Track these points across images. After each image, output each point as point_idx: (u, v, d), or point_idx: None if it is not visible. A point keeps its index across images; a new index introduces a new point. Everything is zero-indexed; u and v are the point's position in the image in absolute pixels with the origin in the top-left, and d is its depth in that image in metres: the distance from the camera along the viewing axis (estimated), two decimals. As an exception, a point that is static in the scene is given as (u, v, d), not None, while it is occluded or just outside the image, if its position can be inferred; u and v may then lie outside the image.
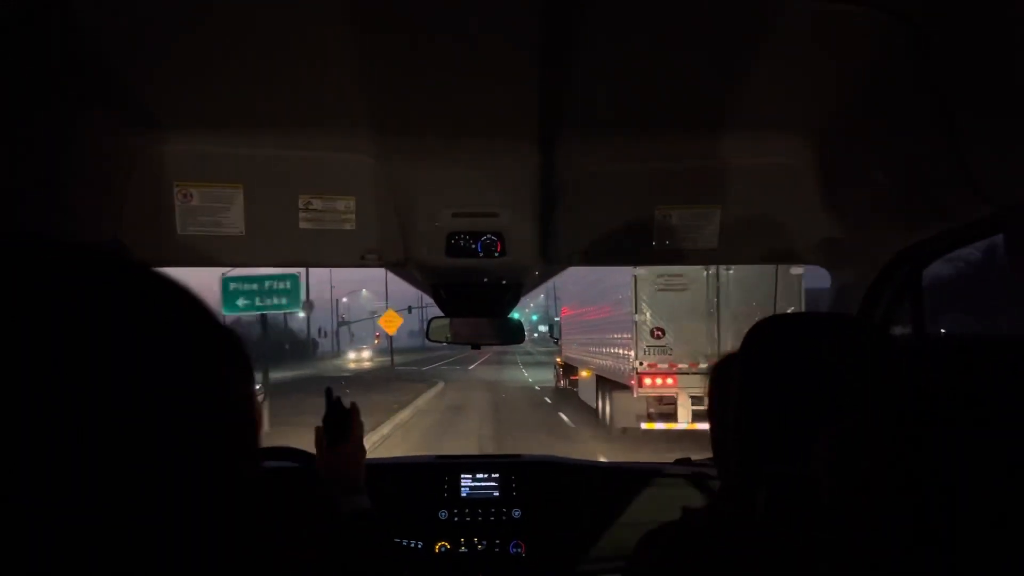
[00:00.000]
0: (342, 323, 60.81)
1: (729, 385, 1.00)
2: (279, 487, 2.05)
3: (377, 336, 70.63)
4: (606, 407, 12.44)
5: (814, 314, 1.12)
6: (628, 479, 2.38)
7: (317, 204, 1.63)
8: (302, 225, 1.63)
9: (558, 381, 20.42)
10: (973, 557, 0.52)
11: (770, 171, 1.60)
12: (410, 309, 55.68)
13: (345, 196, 1.63)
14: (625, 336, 10.85)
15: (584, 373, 15.20)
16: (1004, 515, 0.51)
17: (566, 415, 15.20)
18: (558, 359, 20.66)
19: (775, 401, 0.90)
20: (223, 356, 0.39)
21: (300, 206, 1.62)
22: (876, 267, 1.63)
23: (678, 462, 2.65)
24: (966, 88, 1.06)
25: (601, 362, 12.91)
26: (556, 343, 20.51)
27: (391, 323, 24.80)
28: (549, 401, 18.99)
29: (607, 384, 12.30)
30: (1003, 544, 0.51)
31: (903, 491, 0.56)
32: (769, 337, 0.97)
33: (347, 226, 1.65)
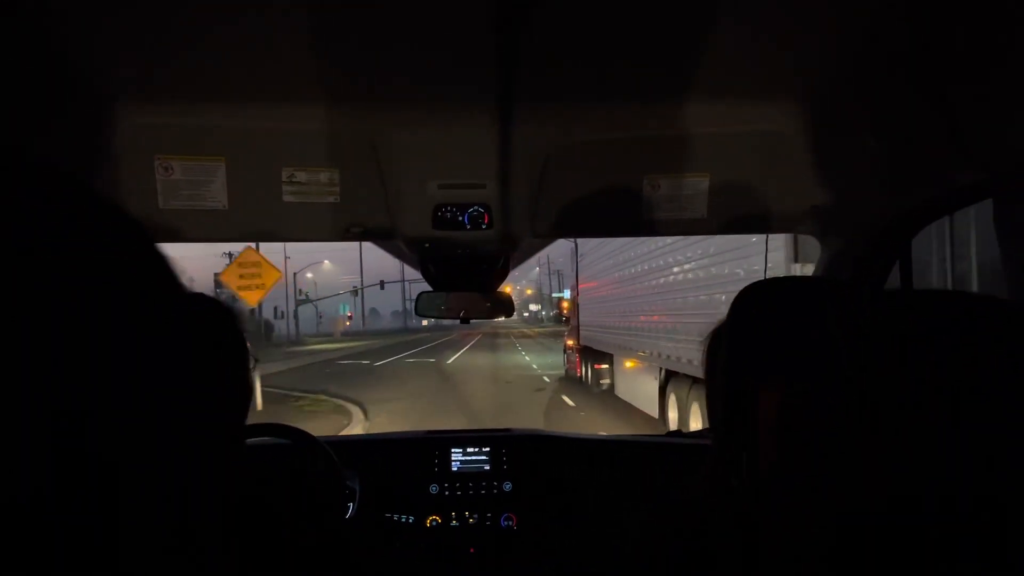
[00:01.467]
0: (302, 301, 51.79)
1: (720, 352, 1.00)
2: (272, 463, 2.05)
3: (350, 316, 62.44)
4: (688, 416, 8.30)
5: (803, 278, 1.11)
6: (619, 451, 2.39)
7: (301, 177, 1.60)
8: (286, 198, 1.61)
9: (575, 369, 16.03)
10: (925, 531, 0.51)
11: (759, 138, 1.59)
12: (382, 284, 50.23)
13: (329, 168, 1.60)
14: None
15: (628, 363, 11.03)
16: (970, 484, 0.50)
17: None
18: (569, 342, 16.68)
19: (762, 367, 0.90)
20: (220, 335, 0.37)
21: (283, 179, 1.60)
22: (866, 235, 1.63)
23: (670, 435, 2.67)
24: (956, 51, 1.05)
25: (678, 351, 8.41)
26: (564, 322, 17.80)
27: (250, 281, 10.56)
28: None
29: (692, 384, 8.18)
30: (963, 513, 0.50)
31: (846, 463, 0.55)
32: (756, 302, 0.96)
33: (331, 199, 1.63)
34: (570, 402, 13.39)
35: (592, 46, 1.27)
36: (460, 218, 1.68)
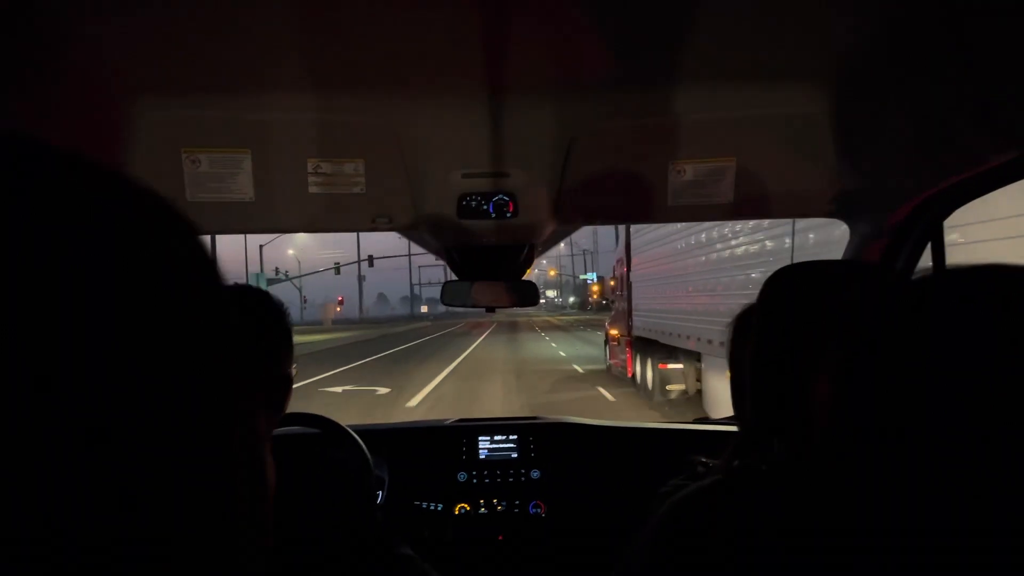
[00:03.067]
0: (273, 280, 43.85)
1: (748, 335, 1.00)
2: (302, 451, 2.07)
3: (340, 301, 55.66)
4: None
5: (833, 262, 1.10)
6: (646, 439, 2.39)
7: (326, 168, 1.61)
8: (311, 189, 1.62)
9: (624, 367, 12.46)
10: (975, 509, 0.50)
11: (786, 120, 1.56)
12: (371, 260, 44.95)
13: (354, 159, 1.61)
14: None
15: None
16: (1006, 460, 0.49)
17: None
18: (613, 331, 13.48)
19: (791, 349, 0.89)
20: (260, 329, 0.34)
21: (309, 170, 1.61)
22: (896, 217, 1.60)
23: (696, 421, 2.66)
24: (989, 24, 1.02)
25: None
26: (607, 306, 14.49)
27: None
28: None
29: None
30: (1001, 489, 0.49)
31: (899, 432, 0.53)
32: (787, 285, 0.96)
33: (357, 189, 1.63)
34: (609, 396, 11.59)
35: (612, 30, 1.25)
36: (485, 207, 1.68)
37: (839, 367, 0.58)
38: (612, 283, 13.98)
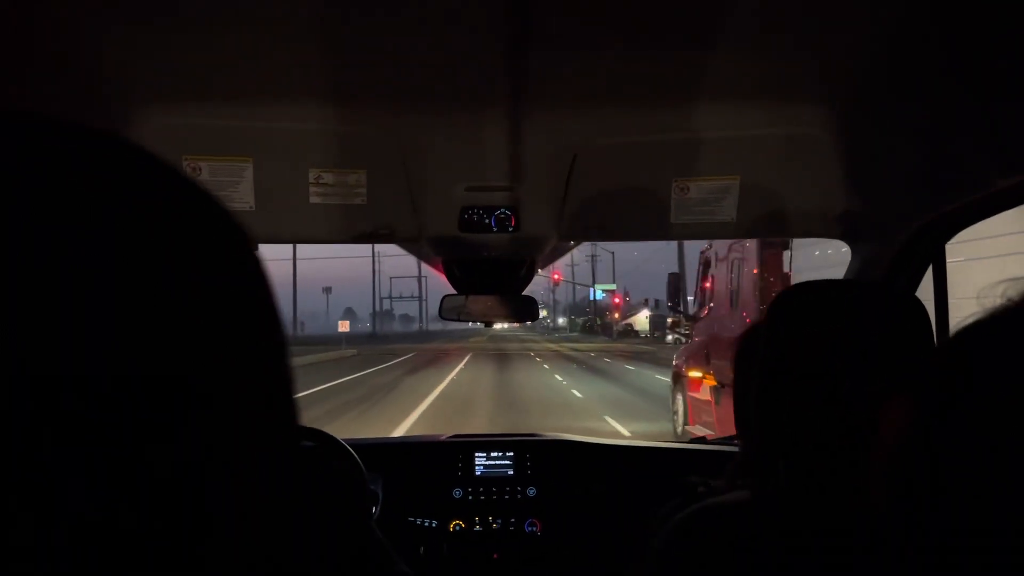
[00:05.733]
0: None
1: (753, 356, 0.99)
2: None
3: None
4: None
5: (840, 282, 1.09)
6: (644, 458, 2.37)
7: (328, 178, 1.60)
8: (313, 200, 1.61)
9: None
10: None
11: (790, 140, 1.56)
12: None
13: (356, 170, 1.60)
14: None
15: None
16: None
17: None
18: (696, 372, 7.92)
19: (799, 370, 0.89)
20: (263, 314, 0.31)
21: (311, 180, 1.60)
22: (898, 239, 1.60)
23: (693, 441, 2.65)
24: (996, 47, 1.03)
25: None
26: (681, 325, 9.97)
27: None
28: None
29: None
30: None
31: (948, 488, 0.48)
32: (795, 305, 0.95)
33: (358, 200, 1.62)
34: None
35: (618, 48, 1.26)
36: (486, 220, 1.68)
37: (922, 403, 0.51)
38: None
